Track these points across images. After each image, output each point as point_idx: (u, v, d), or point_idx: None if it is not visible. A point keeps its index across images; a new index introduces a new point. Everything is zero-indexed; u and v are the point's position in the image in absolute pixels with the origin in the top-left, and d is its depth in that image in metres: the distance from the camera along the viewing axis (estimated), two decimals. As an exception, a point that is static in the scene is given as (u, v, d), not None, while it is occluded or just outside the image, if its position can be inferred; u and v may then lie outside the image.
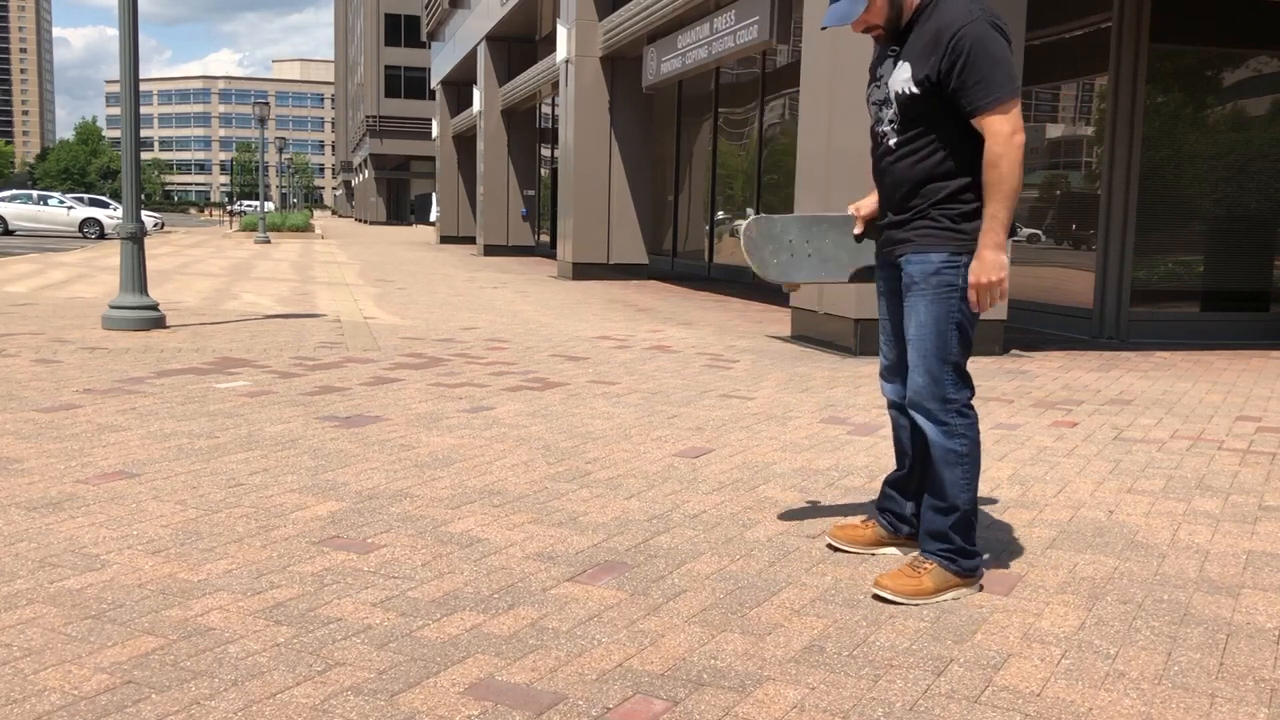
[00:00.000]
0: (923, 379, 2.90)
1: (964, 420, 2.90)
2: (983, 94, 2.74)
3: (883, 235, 3.09)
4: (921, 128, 2.88)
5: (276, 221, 37.65)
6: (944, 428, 2.89)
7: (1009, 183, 2.76)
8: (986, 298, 2.82)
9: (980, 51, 2.74)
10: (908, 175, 2.92)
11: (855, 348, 7.73)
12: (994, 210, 2.78)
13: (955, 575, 2.89)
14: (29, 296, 11.14)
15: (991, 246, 2.79)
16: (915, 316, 2.91)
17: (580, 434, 4.86)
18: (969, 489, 2.90)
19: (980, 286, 2.81)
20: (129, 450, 4.34)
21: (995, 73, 2.74)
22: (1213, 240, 9.31)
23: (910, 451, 3.18)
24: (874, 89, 3.03)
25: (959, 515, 2.89)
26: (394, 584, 2.88)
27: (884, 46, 2.99)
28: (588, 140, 16.22)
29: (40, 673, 2.30)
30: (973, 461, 2.91)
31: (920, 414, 2.93)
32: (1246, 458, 4.70)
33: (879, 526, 3.26)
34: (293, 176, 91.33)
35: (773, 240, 3.23)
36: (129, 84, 8.35)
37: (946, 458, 2.89)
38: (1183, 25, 9.01)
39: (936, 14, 2.82)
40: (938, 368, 2.88)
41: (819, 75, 8.23)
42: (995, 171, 2.76)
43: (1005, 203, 2.78)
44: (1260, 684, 2.40)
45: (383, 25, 58.92)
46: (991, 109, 2.74)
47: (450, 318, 10.01)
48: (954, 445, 2.89)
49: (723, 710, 2.21)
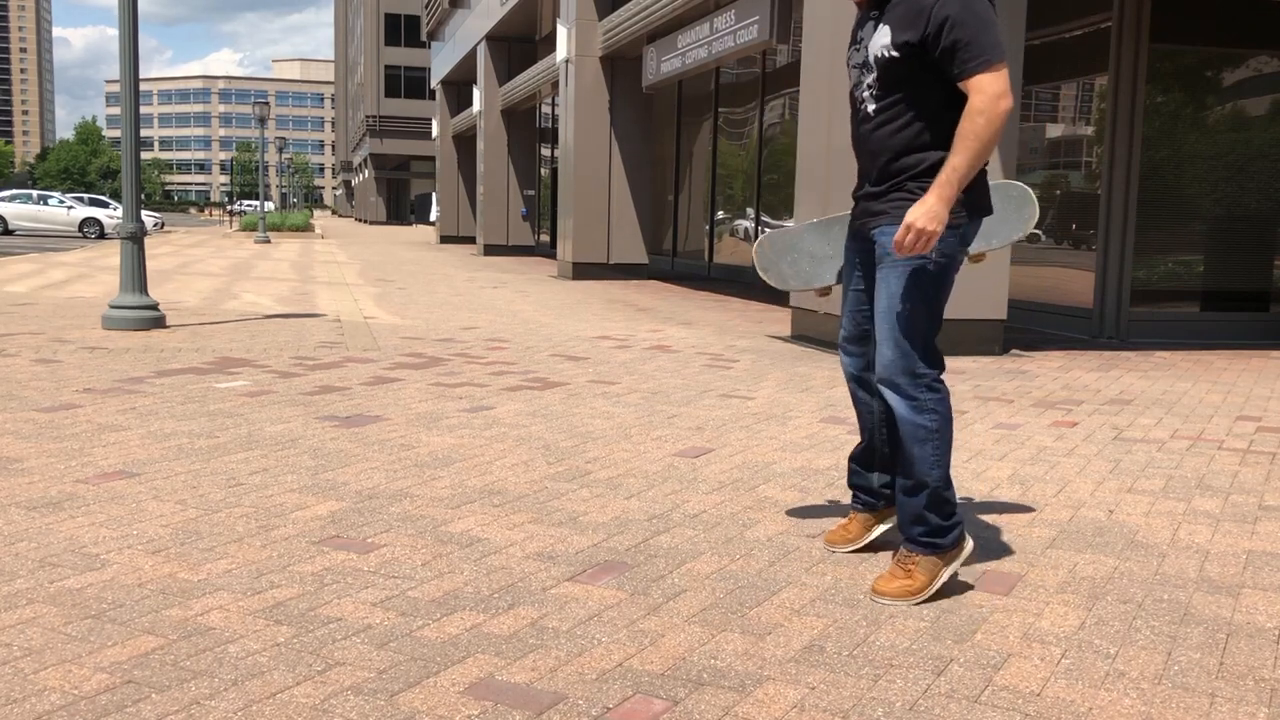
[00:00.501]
0: (891, 353, 2.82)
1: (934, 395, 2.82)
2: (973, 55, 2.66)
3: (858, 206, 3.01)
4: (901, 94, 2.80)
5: (276, 221, 37.66)
6: (913, 403, 2.81)
7: (981, 139, 2.65)
8: (911, 241, 2.68)
9: (968, 13, 2.67)
10: (886, 145, 2.84)
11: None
12: (957, 163, 2.66)
13: (940, 555, 2.86)
14: (29, 296, 11.14)
15: (939, 197, 2.66)
16: (886, 288, 2.82)
17: (580, 434, 4.86)
18: (939, 465, 2.83)
19: (913, 229, 2.66)
20: (129, 450, 4.34)
21: (983, 34, 2.67)
22: (1213, 240, 9.31)
23: (870, 425, 3.14)
24: (853, 52, 2.96)
25: (929, 492, 2.82)
26: (394, 584, 2.88)
27: (865, 10, 2.93)
28: (588, 140, 16.22)
29: (40, 673, 2.30)
30: (943, 438, 2.83)
31: (889, 388, 2.84)
32: (1246, 458, 4.70)
33: (859, 513, 3.24)
34: (293, 176, 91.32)
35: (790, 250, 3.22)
36: (129, 84, 8.35)
37: (916, 434, 2.81)
38: (1183, 25, 9.01)
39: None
40: (906, 342, 2.79)
41: (819, 75, 8.23)
42: (970, 124, 2.65)
43: (970, 158, 2.66)
44: (1260, 684, 2.40)
45: (383, 25, 58.92)
46: (982, 70, 2.66)
47: (450, 317, 10.01)
48: (923, 420, 2.81)
49: (723, 710, 2.21)
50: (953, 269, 2.85)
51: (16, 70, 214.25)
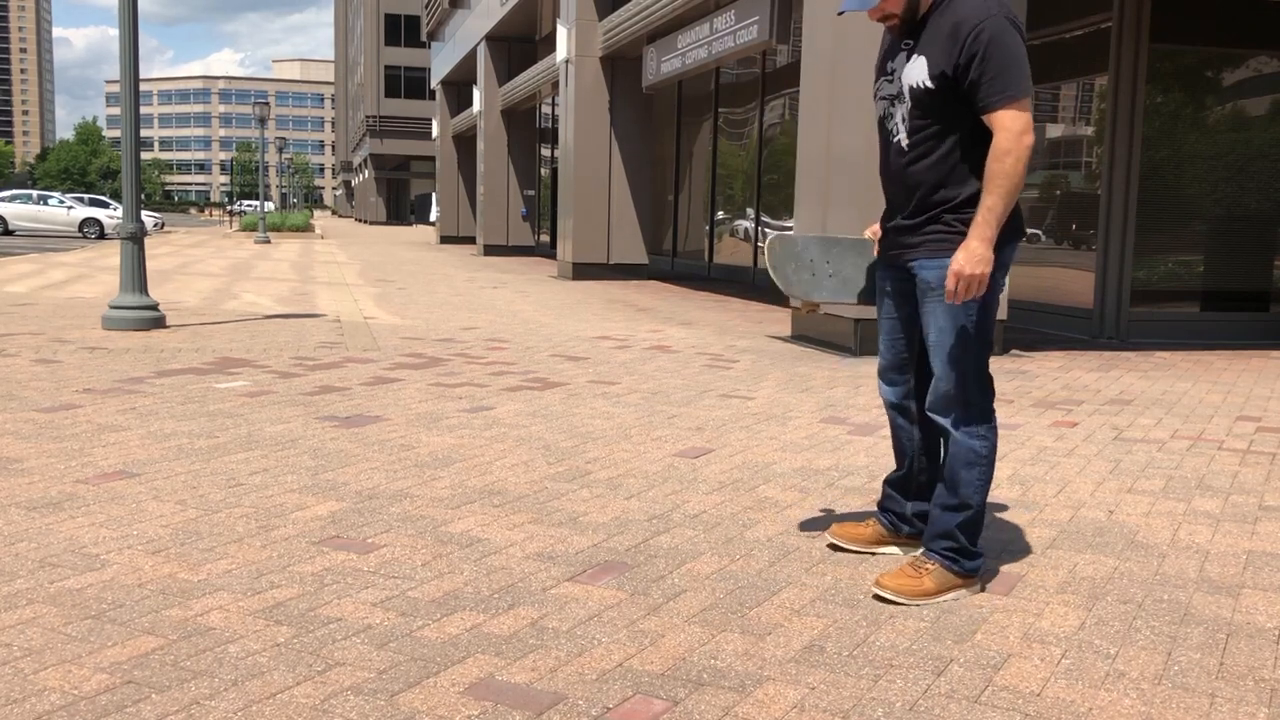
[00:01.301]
0: (946, 383, 2.88)
1: (986, 424, 2.90)
2: (997, 90, 2.71)
3: (888, 238, 3.04)
4: (935, 126, 2.84)
5: (276, 221, 37.65)
6: (967, 429, 2.88)
7: (1012, 179, 2.71)
8: (964, 289, 2.74)
9: (999, 47, 2.71)
10: (921, 179, 2.88)
11: (855, 348, 7.73)
12: (991, 203, 2.72)
13: (957, 576, 2.89)
14: (29, 296, 11.14)
15: (980, 239, 2.72)
16: (934, 322, 2.89)
17: (580, 434, 4.86)
18: (983, 490, 2.90)
19: (963, 276, 2.72)
20: (129, 450, 4.34)
21: (1011, 70, 2.71)
22: (1213, 240, 9.31)
23: (909, 453, 3.17)
24: (884, 83, 2.98)
25: (970, 514, 2.89)
26: (394, 584, 2.88)
27: (897, 39, 2.95)
28: (588, 140, 16.22)
29: (40, 673, 2.30)
30: (989, 464, 2.90)
31: (943, 416, 2.91)
32: (1246, 458, 4.70)
33: (880, 525, 3.26)
34: (293, 176, 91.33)
35: (794, 259, 3.24)
36: (129, 84, 8.35)
37: (967, 457, 2.88)
38: (1183, 25, 9.01)
39: (953, 7, 2.78)
40: (960, 373, 2.86)
41: (819, 75, 8.22)
42: (999, 165, 2.71)
43: (1004, 198, 2.72)
44: (1260, 684, 2.40)
45: (383, 25, 58.92)
46: (1004, 105, 2.70)
47: (450, 318, 10.01)
48: (975, 445, 2.88)
49: (723, 710, 2.21)
50: (996, 297, 2.89)
51: (16, 70, 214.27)
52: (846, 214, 7.74)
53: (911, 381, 3.12)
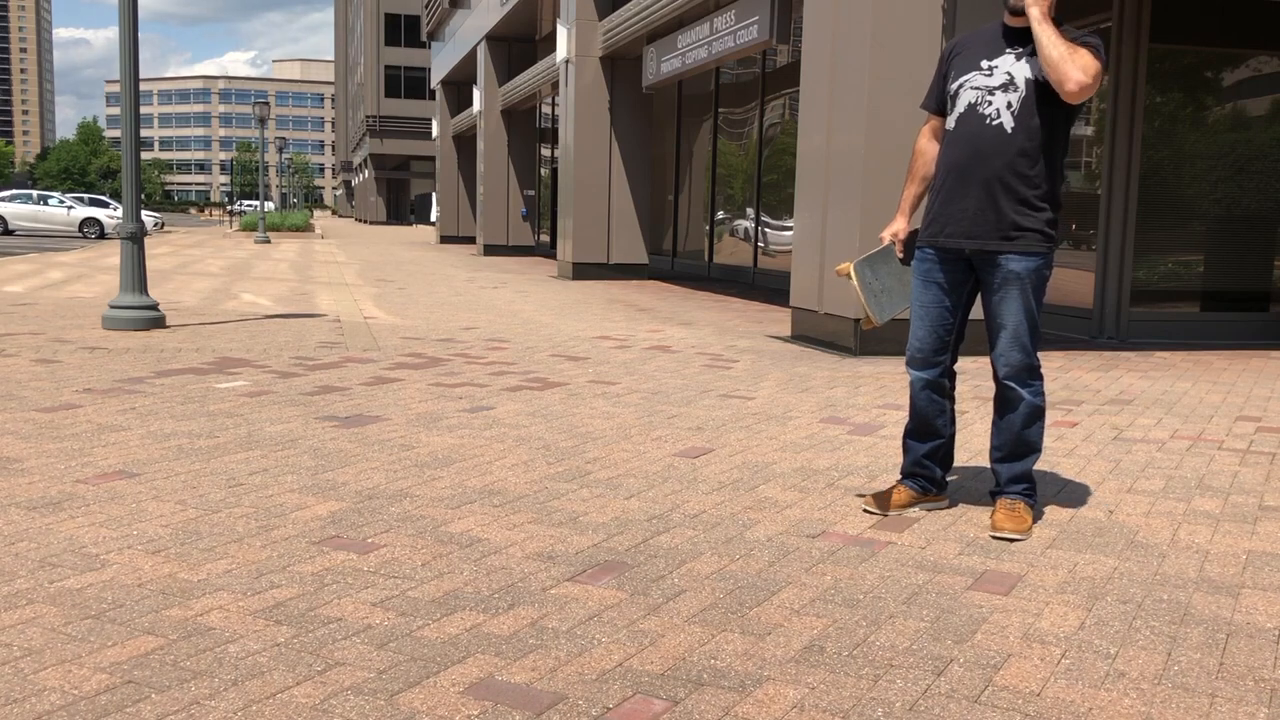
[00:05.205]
0: (1020, 356, 3.42)
1: (1042, 383, 3.50)
2: (1089, 44, 3.29)
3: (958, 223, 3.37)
4: (1039, 117, 3.29)
5: (276, 221, 37.66)
6: (1033, 390, 3.45)
7: (1054, 53, 3.24)
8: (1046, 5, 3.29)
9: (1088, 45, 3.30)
10: (1011, 167, 3.29)
11: (855, 348, 7.73)
12: (1050, 30, 3.27)
13: (1032, 506, 3.53)
14: (29, 296, 11.14)
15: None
16: (1011, 304, 3.39)
17: (580, 434, 4.86)
18: (1043, 435, 3.54)
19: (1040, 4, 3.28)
20: (129, 450, 4.34)
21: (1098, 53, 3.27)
22: (1212, 240, 9.31)
23: (946, 427, 3.60)
24: (982, 75, 3.38)
25: (1037, 457, 3.53)
26: (394, 584, 2.88)
27: (1002, 41, 3.40)
28: (588, 140, 16.22)
29: (40, 673, 2.30)
30: (1044, 416, 3.53)
31: (1017, 383, 3.44)
32: (1246, 458, 4.70)
33: (910, 490, 3.66)
34: (293, 176, 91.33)
35: (866, 287, 3.57)
36: (129, 84, 8.35)
37: (1035, 414, 3.46)
38: (1183, 25, 9.01)
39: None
40: (1030, 345, 3.41)
41: (819, 75, 8.22)
42: (1075, 53, 3.26)
43: (1052, 41, 3.23)
44: (1260, 684, 2.40)
45: (383, 25, 58.92)
46: (1093, 53, 3.26)
47: (450, 318, 10.01)
48: (1039, 402, 3.46)
49: (723, 710, 2.21)
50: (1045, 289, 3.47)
51: (16, 70, 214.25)
52: (847, 214, 7.74)
53: (948, 361, 3.56)
